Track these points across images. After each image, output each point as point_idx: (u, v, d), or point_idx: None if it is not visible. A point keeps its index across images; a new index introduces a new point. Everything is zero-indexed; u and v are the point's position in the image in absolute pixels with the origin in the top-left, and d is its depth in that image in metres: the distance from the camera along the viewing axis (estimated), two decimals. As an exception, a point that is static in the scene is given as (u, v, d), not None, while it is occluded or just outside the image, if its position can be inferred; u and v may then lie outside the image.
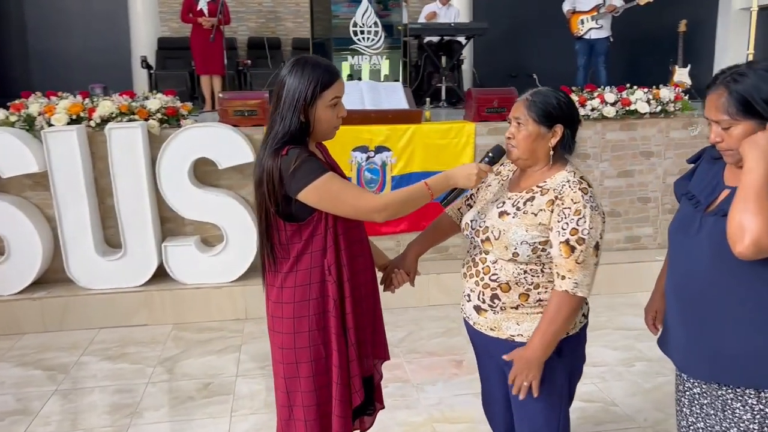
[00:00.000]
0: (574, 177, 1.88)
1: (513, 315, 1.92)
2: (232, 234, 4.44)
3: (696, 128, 5.08)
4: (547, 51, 9.23)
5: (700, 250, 1.69)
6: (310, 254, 1.93)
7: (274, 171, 1.83)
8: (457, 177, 1.91)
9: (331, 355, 1.97)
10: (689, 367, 1.78)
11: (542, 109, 1.87)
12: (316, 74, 1.86)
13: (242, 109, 4.53)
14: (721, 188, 1.70)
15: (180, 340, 4.11)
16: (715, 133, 1.62)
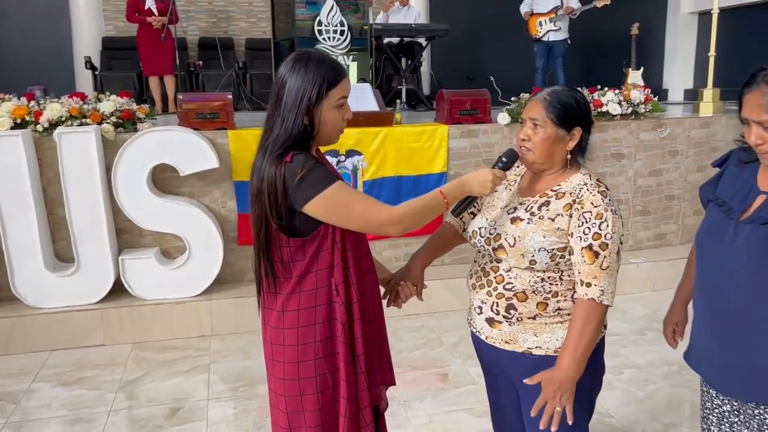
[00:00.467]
0: (590, 180, 1.77)
1: (530, 326, 1.78)
2: (195, 245, 4.16)
3: (666, 130, 5.08)
4: (504, 53, 9.22)
5: (736, 260, 1.59)
6: (316, 273, 1.72)
7: (278, 180, 1.62)
8: (472, 184, 1.75)
9: (338, 386, 1.77)
10: (723, 383, 1.68)
11: (562, 111, 1.75)
12: (322, 71, 1.66)
13: (204, 112, 4.26)
14: (755, 194, 1.60)
15: (141, 361, 3.81)
16: (756, 135, 1.51)
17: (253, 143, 4.33)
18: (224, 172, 4.32)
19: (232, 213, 4.42)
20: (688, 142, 5.22)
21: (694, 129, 5.24)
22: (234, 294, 4.27)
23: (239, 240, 4.45)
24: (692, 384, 3.39)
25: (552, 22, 7.69)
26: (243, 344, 4.02)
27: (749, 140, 1.54)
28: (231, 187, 4.39)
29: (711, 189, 1.76)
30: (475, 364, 3.71)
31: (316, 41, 5.01)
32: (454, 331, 4.07)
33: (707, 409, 1.78)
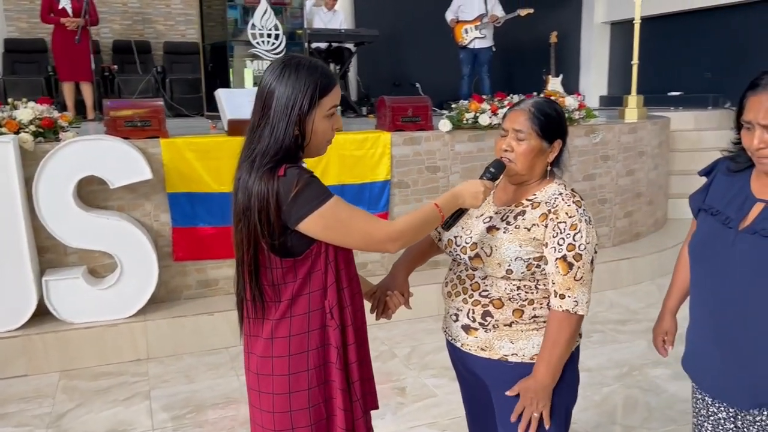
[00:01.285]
0: (565, 190, 1.78)
1: (506, 333, 1.77)
2: (127, 262, 3.88)
3: (598, 135, 5.22)
4: (430, 60, 9.29)
5: (736, 269, 1.58)
6: (308, 295, 1.59)
7: (270, 196, 1.48)
8: (464, 195, 1.68)
9: (334, 415, 1.64)
10: (725, 392, 1.67)
11: (546, 123, 1.76)
12: (314, 78, 1.54)
13: (134, 119, 3.99)
14: (752, 202, 1.60)
15: (72, 391, 3.49)
16: (759, 139, 1.50)
17: (187, 152, 4.10)
18: (156, 183, 4.06)
19: (166, 227, 4.16)
20: (618, 147, 5.39)
21: (624, 134, 5.43)
22: (171, 314, 4.01)
23: (174, 256, 4.19)
24: (644, 385, 3.47)
25: (477, 29, 7.81)
26: (184, 367, 3.78)
27: (749, 145, 1.53)
28: (164, 199, 4.13)
29: (701, 198, 1.75)
30: (432, 375, 3.68)
31: (250, 45, 4.82)
32: (405, 342, 3.99)
33: (701, 416, 1.77)
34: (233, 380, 3.60)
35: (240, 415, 3.21)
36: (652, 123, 5.78)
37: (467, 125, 4.73)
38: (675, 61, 9.07)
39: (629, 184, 5.53)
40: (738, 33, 8.33)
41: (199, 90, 7.79)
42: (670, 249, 5.53)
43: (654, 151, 5.82)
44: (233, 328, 4.06)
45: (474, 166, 4.80)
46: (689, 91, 8.69)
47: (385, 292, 1.96)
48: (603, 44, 10.46)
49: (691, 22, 8.94)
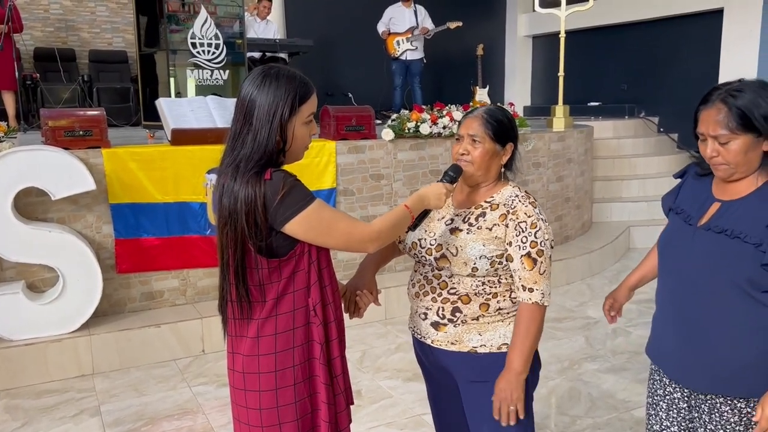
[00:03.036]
0: (520, 192, 1.91)
1: (474, 326, 1.89)
2: (70, 276, 3.77)
3: (530, 143, 5.48)
4: (361, 70, 9.42)
5: (694, 264, 1.73)
6: (293, 294, 1.66)
7: (257, 199, 1.54)
8: (430, 198, 1.79)
9: (319, 409, 1.71)
10: (686, 378, 1.81)
11: (498, 127, 1.89)
12: (293, 87, 1.62)
13: (75, 129, 3.89)
14: (710, 201, 1.77)
15: (16, 410, 3.36)
16: (712, 149, 1.67)
17: (130, 162, 4.04)
18: (98, 194, 3.97)
19: (108, 239, 4.07)
20: (548, 155, 5.67)
21: (553, 142, 5.72)
22: (116, 327, 3.92)
23: (118, 268, 4.10)
24: (584, 377, 3.68)
25: (409, 41, 8.00)
26: (132, 380, 3.70)
27: (704, 154, 1.70)
28: (106, 210, 4.04)
29: (672, 199, 1.93)
30: (386, 377, 3.76)
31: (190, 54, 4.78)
32: (355, 346, 4.06)
33: (657, 396, 1.92)
34: (185, 391, 3.56)
35: (197, 425, 3.19)
36: (578, 131, 6.12)
37: (409, 134, 4.87)
38: (593, 73, 9.59)
39: (559, 190, 5.83)
40: (649, 47, 8.92)
41: (128, 100, 7.60)
42: (597, 251, 5.85)
43: (580, 158, 6.16)
44: (181, 339, 4.02)
45: (416, 174, 4.94)
46: (607, 102, 9.22)
47: (354, 292, 2.02)
48: (526, 56, 10.92)
49: (607, 36, 9.49)
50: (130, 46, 8.16)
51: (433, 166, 5.05)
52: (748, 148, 1.63)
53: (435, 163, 5.07)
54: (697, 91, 2.06)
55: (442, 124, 4.94)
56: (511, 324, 1.89)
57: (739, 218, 1.67)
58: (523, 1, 10.67)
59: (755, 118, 1.60)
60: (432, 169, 5.04)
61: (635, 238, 6.71)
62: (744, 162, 1.65)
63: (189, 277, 4.33)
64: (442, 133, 4.96)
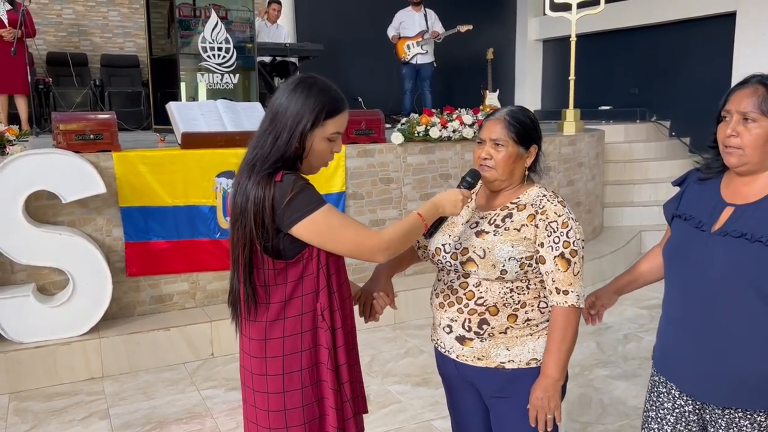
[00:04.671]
0: (548, 192, 1.86)
1: (502, 340, 1.83)
2: (80, 279, 3.78)
3: (541, 147, 5.44)
4: (371, 75, 9.43)
5: (711, 270, 1.66)
6: (301, 298, 1.65)
7: (266, 200, 1.55)
8: (444, 204, 1.75)
9: (327, 415, 1.70)
10: (703, 391, 1.73)
11: (521, 130, 1.83)
12: (323, 99, 1.61)
13: (86, 133, 3.91)
14: (722, 206, 1.70)
15: (25, 412, 3.37)
16: (733, 128, 1.60)
17: (140, 166, 4.05)
18: (109, 197, 3.98)
19: (119, 242, 4.08)
20: (559, 159, 5.64)
21: (564, 146, 5.69)
22: (125, 330, 3.93)
23: (128, 271, 4.11)
24: (595, 383, 3.65)
25: (419, 45, 8.00)
26: (141, 384, 3.70)
27: (722, 135, 1.63)
28: (117, 213, 4.05)
29: (674, 205, 1.85)
30: (395, 382, 3.74)
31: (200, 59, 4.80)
32: (364, 351, 4.03)
33: (665, 409, 1.84)
34: (194, 395, 3.55)
35: (205, 428, 3.18)
36: (589, 135, 6.09)
37: (418, 138, 4.86)
38: (604, 77, 9.55)
39: (570, 194, 5.79)
40: (661, 50, 8.87)
41: (139, 104, 7.65)
42: (608, 255, 5.81)
43: (591, 162, 6.13)
44: (190, 343, 4.02)
45: (425, 178, 4.93)
46: (618, 105, 9.17)
47: (370, 295, 1.99)
48: (536, 60, 10.89)
49: (618, 40, 9.44)
50: (142, 50, 8.20)
51: (442, 169, 5.04)
52: (767, 140, 1.58)
53: (444, 167, 5.05)
54: (710, 95, 2.02)
55: (451, 127, 4.93)
56: (541, 338, 1.83)
57: (758, 221, 1.61)
58: (533, 5, 10.65)
59: None
60: (441, 173, 5.02)
61: (647, 243, 6.65)
62: (759, 153, 1.59)
63: (198, 280, 4.34)
64: (451, 136, 4.95)
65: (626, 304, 4.96)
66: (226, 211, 4.32)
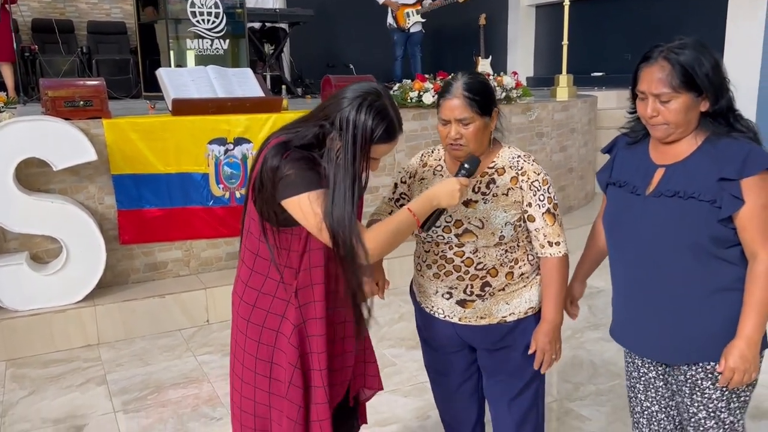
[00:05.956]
0: (520, 152, 1.91)
1: (502, 297, 1.91)
2: (73, 247, 3.77)
3: (534, 113, 5.43)
4: (362, 42, 9.32)
5: (652, 233, 1.69)
6: (284, 268, 1.71)
7: (270, 170, 1.59)
8: (439, 196, 1.66)
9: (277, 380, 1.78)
10: (654, 351, 1.78)
11: (482, 101, 1.79)
12: (383, 124, 1.59)
13: (75, 99, 3.86)
14: (653, 168, 1.73)
15: (22, 379, 3.39)
16: (652, 108, 1.62)
17: (131, 133, 4.01)
18: (100, 165, 3.95)
19: (111, 210, 4.07)
20: (552, 125, 5.64)
21: (557, 112, 5.68)
22: (120, 298, 3.94)
23: (121, 239, 4.10)
24: (586, 345, 3.70)
25: (419, 14, 7.89)
26: (137, 350, 3.73)
27: (644, 113, 1.65)
28: (108, 181, 4.03)
29: (607, 174, 1.87)
30: (390, 346, 3.78)
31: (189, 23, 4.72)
32: (359, 317, 4.07)
33: (633, 378, 1.89)
34: (190, 360, 3.58)
35: (202, 392, 3.22)
36: (582, 101, 6.08)
37: (411, 104, 4.83)
38: (597, 43, 9.48)
39: (562, 160, 5.80)
40: (654, 17, 8.80)
41: (128, 71, 7.54)
42: (600, 221, 5.85)
43: (584, 128, 6.12)
44: (185, 310, 4.04)
45: (419, 145, 4.92)
46: (610, 72, 9.12)
47: None
48: (529, 27, 10.78)
49: (611, 5, 9.35)
50: (129, 17, 8.07)
51: (435, 136, 5.02)
52: (688, 108, 1.61)
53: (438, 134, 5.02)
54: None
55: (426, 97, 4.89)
56: (533, 287, 1.93)
57: (689, 179, 1.65)
58: (526, -30, 10.51)
59: (698, 76, 1.58)
60: (435, 140, 5.00)
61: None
62: (684, 122, 1.63)
63: (192, 248, 4.34)
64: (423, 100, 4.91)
65: (617, 268, 5.01)
66: (219, 178, 4.31)
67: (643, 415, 1.91)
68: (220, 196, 4.34)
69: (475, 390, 2.13)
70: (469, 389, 2.12)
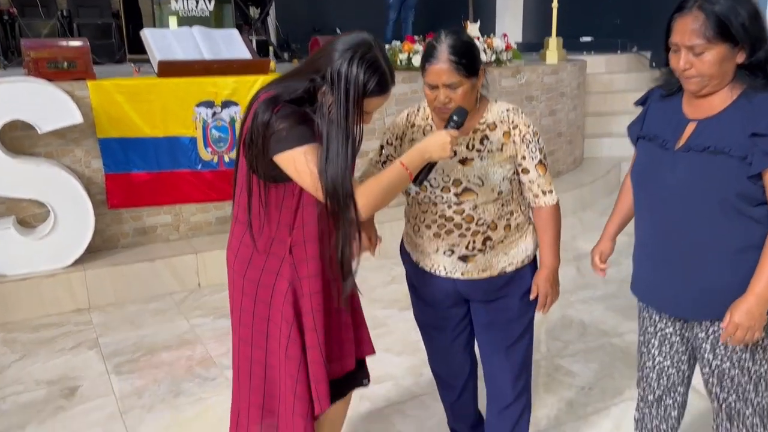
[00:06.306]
0: (508, 105, 1.92)
1: (501, 248, 1.95)
2: (61, 211, 3.73)
3: (523, 76, 5.40)
4: (350, 5, 9.17)
5: (680, 189, 1.68)
6: (278, 224, 1.70)
7: (263, 124, 1.56)
8: (431, 150, 1.64)
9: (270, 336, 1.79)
10: (672, 306, 1.79)
11: (469, 64, 1.75)
12: (375, 77, 1.56)
13: (58, 60, 3.78)
14: (684, 123, 1.70)
15: (14, 343, 3.38)
16: (685, 60, 1.59)
17: (117, 95, 3.95)
18: (86, 128, 3.89)
19: (99, 174, 4.02)
20: (541, 88, 5.61)
21: (546, 75, 5.65)
22: (110, 262, 3.92)
23: (109, 203, 4.06)
24: (576, 305, 3.75)
25: None
26: (128, 314, 3.72)
27: (677, 66, 1.62)
28: (95, 144, 3.97)
29: (638, 126, 1.85)
30: (382, 307, 3.80)
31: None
32: (350, 279, 4.09)
33: (649, 333, 1.90)
34: (182, 323, 3.59)
35: (196, 354, 3.23)
36: (571, 65, 6.05)
37: (401, 67, 4.78)
38: (586, 7, 9.39)
39: (551, 124, 5.79)
40: (644, -20, 8.72)
41: (110, 35, 7.36)
42: (588, 185, 5.88)
43: (573, 92, 6.11)
44: (176, 274, 4.03)
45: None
46: (599, 36, 9.06)
47: None
48: (517, -9, 10.66)
49: (600, -31, 9.25)
50: (110, -22, 7.86)
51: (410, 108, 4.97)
52: (723, 59, 1.56)
53: (427, 97, 4.99)
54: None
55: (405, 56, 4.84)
56: (528, 236, 1.98)
57: (721, 133, 1.61)
58: (515, -68, 10.34)
59: (733, 26, 1.53)
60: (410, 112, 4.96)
61: (626, 173, 6.73)
62: (718, 74, 1.58)
63: (181, 212, 4.31)
64: (404, 62, 4.86)
65: (606, 231, 5.05)
66: (207, 142, 4.27)
67: (654, 370, 1.92)
68: (209, 160, 4.30)
69: (468, 343, 2.18)
70: (463, 342, 2.16)
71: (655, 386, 1.95)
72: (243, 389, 1.80)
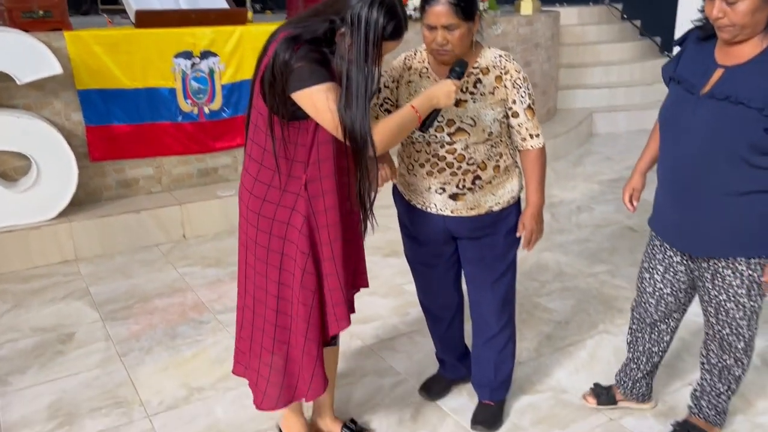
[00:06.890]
0: (501, 52, 2.01)
1: (489, 188, 2.05)
2: (44, 163, 3.73)
3: (499, 27, 5.45)
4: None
5: (696, 131, 1.77)
6: (292, 162, 1.77)
7: (281, 64, 1.61)
8: (438, 96, 1.76)
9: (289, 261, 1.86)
10: (689, 245, 1.91)
11: (466, 7, 1.84)
12: (393, 22, 1.63)
13: (33, 10, 3.72)
14: (713, 68, 1.77)
15: (4, 294, 3.42)
16: (719, 9, 1.65)
17: (95, 46, 3.91)
18: (65, 80, 3.86)
19: (79, 126, 4.00)
20: (516, 40, 5.67)
21: (521, 26, 5.70)
22: (95, 214, 3.94)
23: (91, 156, 4.06)
24: (551, 249, 3.90)
25: None
26: (117, 265, 3.77)
27: (710, 14, 1.68)
28: (74, 97, 3.95)
29: (672, 68, 1.93)
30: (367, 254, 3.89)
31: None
32: (333, 228, 4.18)
33: (656, 260, 2.05)
34: (172, 272, 3.66)
35: (187, 300, 3.31)
36: (545, 16, 6.10)
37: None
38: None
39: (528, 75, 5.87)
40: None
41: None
42: (562, 136, 6.01)
43: (547, 43, 6.18)
44: (161, 225, 4.07)
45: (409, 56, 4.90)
46: (572, -12, 9.09)
47: None
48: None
49: None
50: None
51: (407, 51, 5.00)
52: (756, 9, 1.61)
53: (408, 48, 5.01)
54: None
55: (412, 5, 4.86)
56: (514, 178, 2.09)
57: (743, 83, 1.67)
58: None
59: None
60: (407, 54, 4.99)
61: (598, 124, 6.88)
62: (750, 23, 1.63)
63: (163, 164, 4.33)
64: (412, 15, 4.89)
65: (578, 180, 5.21)
66: (187, 93, 4.26)
67: (653, 296, 2.07)
68: (189, 112, 4.31)
69: (456, 278, 2.33)
70: (452, 277, 2.30)
71: (652, 311, 2.11)
72: (257, 318, 1.88)
